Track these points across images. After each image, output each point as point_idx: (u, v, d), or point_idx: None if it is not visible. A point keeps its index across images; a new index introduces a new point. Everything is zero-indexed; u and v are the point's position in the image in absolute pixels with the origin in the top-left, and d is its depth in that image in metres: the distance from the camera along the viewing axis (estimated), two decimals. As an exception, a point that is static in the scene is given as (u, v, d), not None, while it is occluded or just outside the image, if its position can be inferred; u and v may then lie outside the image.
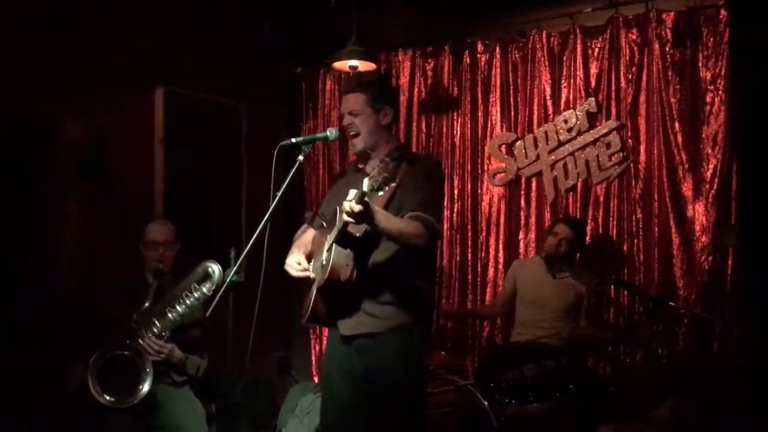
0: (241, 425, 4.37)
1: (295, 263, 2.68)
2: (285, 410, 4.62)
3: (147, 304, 3.26)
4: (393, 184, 2.24)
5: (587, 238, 4.24)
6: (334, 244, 2.50)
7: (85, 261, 3.90)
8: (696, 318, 3.77)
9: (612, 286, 4.16)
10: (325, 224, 2.78)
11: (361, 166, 2.80)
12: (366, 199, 2.26)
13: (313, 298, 2.63)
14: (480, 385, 3.61)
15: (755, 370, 2.47)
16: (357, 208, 2.25)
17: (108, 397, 3.04)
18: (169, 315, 3.20)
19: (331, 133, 2.71)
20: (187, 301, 3.19)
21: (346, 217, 2.32)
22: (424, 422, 2.89)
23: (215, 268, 3.20)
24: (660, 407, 2.28)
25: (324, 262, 2.57)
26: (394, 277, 2.61)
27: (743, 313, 3.09)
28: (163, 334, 3.21)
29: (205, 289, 3.19)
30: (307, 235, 2.86)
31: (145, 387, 3.06)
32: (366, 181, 2.23)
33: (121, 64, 4.03)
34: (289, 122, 5.29)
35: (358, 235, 2.51)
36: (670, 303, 3.72)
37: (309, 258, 2.74)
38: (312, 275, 2.66)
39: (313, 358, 5.19)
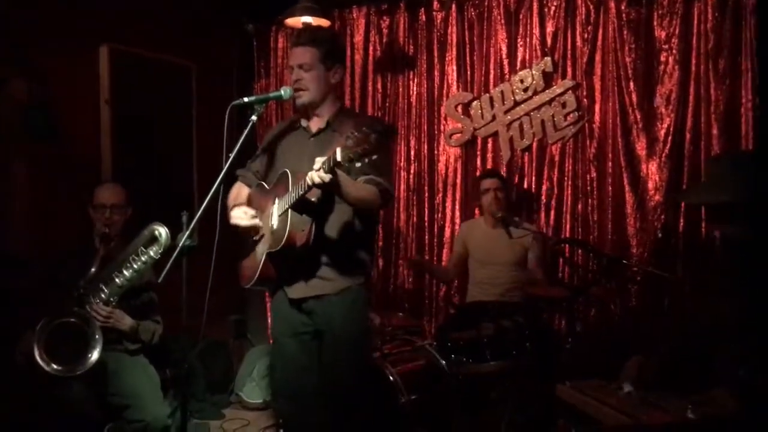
0: (198, 390, 4.33)
1: (242, 213, 2.64)
2: (242, 374, 4.59)
3: (93, 270, 3.16)
4: (374, 157, 2.12)
5: (542, 197, 4.30)
6: (289, 210, 2.46)
7: (31, 224, 3.76)
8: (648, 275, 3.84)
9: (566, 245, 4.20)
10: (266, 186, 2.73)
11: (304, 124, 2.75)
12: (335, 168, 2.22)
13: (261, 262, 2.61)
14: (437, 345, 3.63)
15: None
16: (327, 177, 2.22)
17: (55, 366, 2.94)
18: (117, 280, 3.10)
19: (285, 92, 2.65)
20: (135, 265, 3.10)
21: (310, 183, 2.26)
22: (370, 377, 3.00)
23: (162, 231, 3.11)
24: (626, 365, 2.32)
25: (275, 227, 2.54)
26: (346, 240, 2.62)
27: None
28: (111, 299, 3.12)
29: (153, 252, 3.10)
30: (241, 192, 2.83)
31: (95, 355, 2.97)
32: (339, 151, 2.12)
33: (64, 19, 3.85)
34: (240, 81, 5.14)
35: (314, 200, 2.48)
36: (624, 261, 3.77)
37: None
38: (259, 224, 2.63)
39: (269, 321, 5.14)
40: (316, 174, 2.23)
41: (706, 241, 3.81)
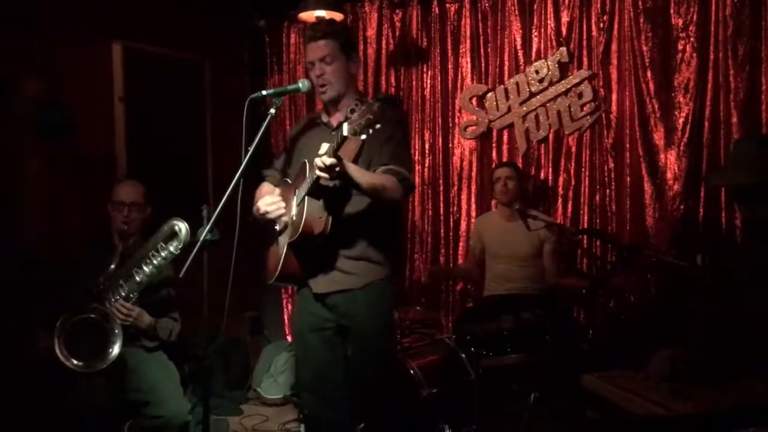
0: (216, 386, 4.33)
1: (268, 200, 2.60)
2: (259, 370, 4.59)
3: (113, 266, 3.16)
4: (378, 126, 2.10)
5: (559, 188, 4.28)
6: (306, 198, 2.43)
7: (48, 222, 3.76)
8: (668, 265, 3.79)
9: (585, 236, 4.17)
10: (289, 180, 2.71)
11: (324, 119, 2.73)
12: (339, 152, 2.21)
13: (283, 255, 2.58)
14: (456, 338, 3.61)
15: None
16: (329, 161, 2.19)
17: (76, 362, 2.94)
18: (137, 277, 3.09)
19: (303, 84, 2.63)
20: (155, 261, 3.08)
21: (318, 172, 2.25)
22: (396, 373, 2.97)
23: (182, 226, 3.08)
24: (654, 358, 2.27)
25: (295, 217, 2.51)
26: (367, 232, 2.57)
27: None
28: (131, 296, 3.10)
29: (173, 248, 3.07)
30: (267, 189, 2.78)
31: (115, 350, 2.96)
32: (345, 126, 2.11)
33: (77, 17, 3.85)
34: (252, 77, 5.13)
35: (330, 186, 2.45)
36: (643, 251, 3.73)
37: None
38: (284, 220, 2.60)
39: (285, 318, 5.14)
40: (319, 159, 2.21)
41: (726, 231, 3.77)
